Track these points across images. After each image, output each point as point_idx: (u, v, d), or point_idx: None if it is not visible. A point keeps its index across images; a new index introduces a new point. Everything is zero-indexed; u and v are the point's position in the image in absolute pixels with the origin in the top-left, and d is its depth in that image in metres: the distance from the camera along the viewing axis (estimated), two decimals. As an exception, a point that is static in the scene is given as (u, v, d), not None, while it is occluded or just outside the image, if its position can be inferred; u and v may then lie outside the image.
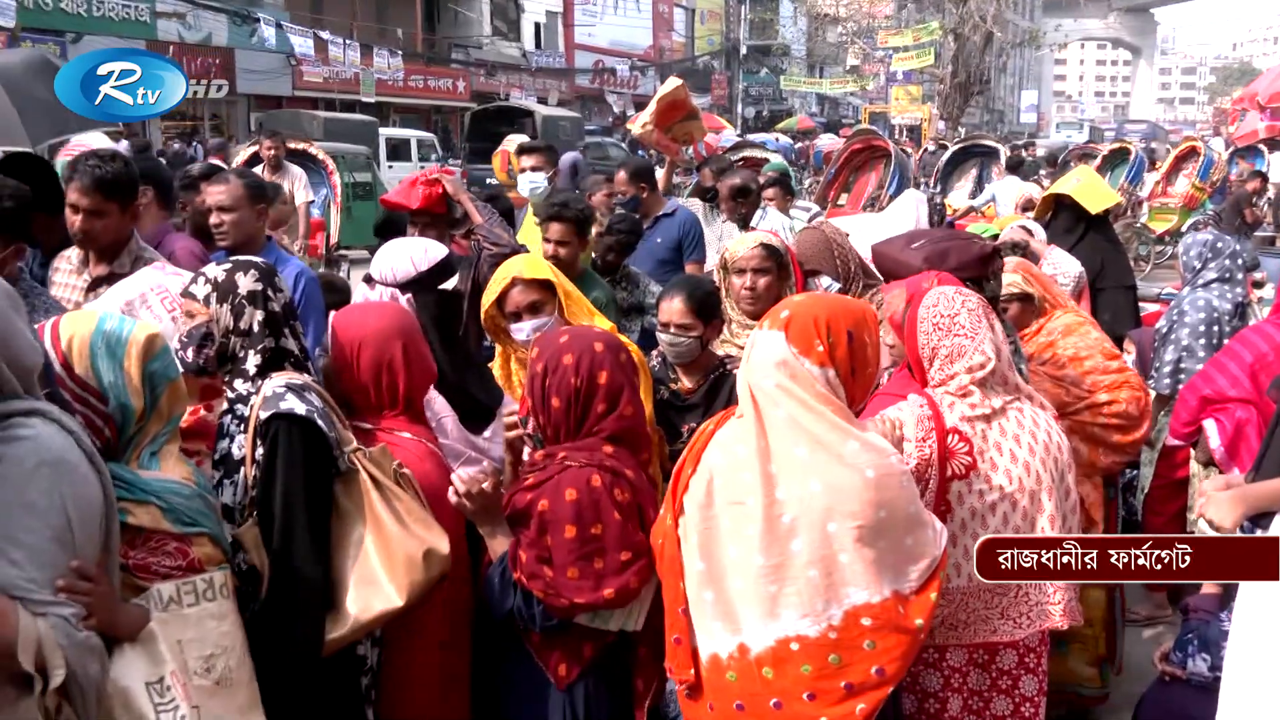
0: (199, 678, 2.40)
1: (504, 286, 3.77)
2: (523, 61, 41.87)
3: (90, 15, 24.81)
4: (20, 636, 1.99)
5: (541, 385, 2.90)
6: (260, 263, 2.95)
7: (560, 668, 2.90)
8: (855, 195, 13.21)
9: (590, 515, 2.80)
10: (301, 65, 29.99)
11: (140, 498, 2.40)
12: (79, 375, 2.39)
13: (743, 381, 2.71)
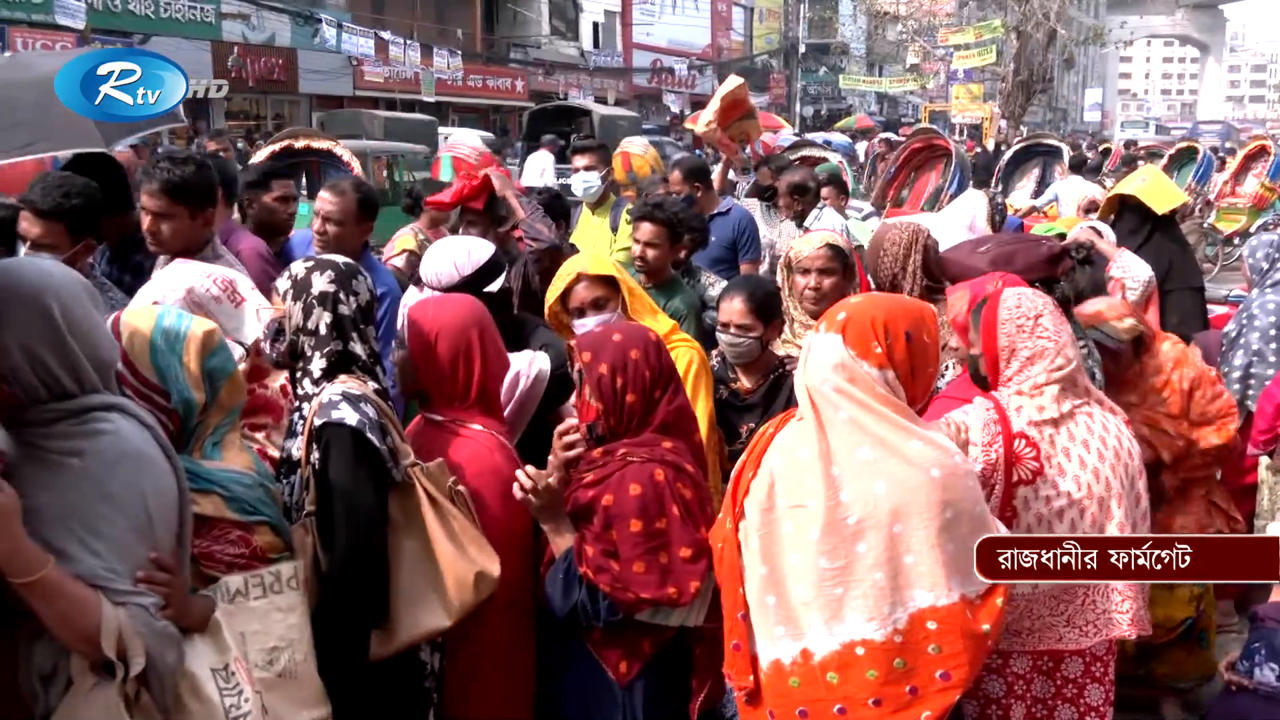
0: (260, 670, 2.43)
1: (569, 282, 3.77)
2: (581, 61, 41.98)
3: (157, 17, 25.25)
4: (103, 625, 2.05)
5: (613, 384, 2.89)
6: (342, 264, 2.93)
7: (621, 665, 2.90)
8: (915, 194, 13.09)
9: (654, 509, 2.80)
10: (362, 65, 30.31)
11: (204, 487, 2.44)
12: (140, 371, 2.43)
13: (801, 385, 2.69)
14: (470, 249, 3.84)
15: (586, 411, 2.92)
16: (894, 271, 4.29)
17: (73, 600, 2.04)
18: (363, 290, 2.91)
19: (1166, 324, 5.52)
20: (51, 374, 2.13)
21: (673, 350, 3.65)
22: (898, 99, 61.51)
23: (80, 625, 2.05)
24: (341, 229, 4.61)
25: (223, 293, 3.34)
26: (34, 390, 2.13)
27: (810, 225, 7.17)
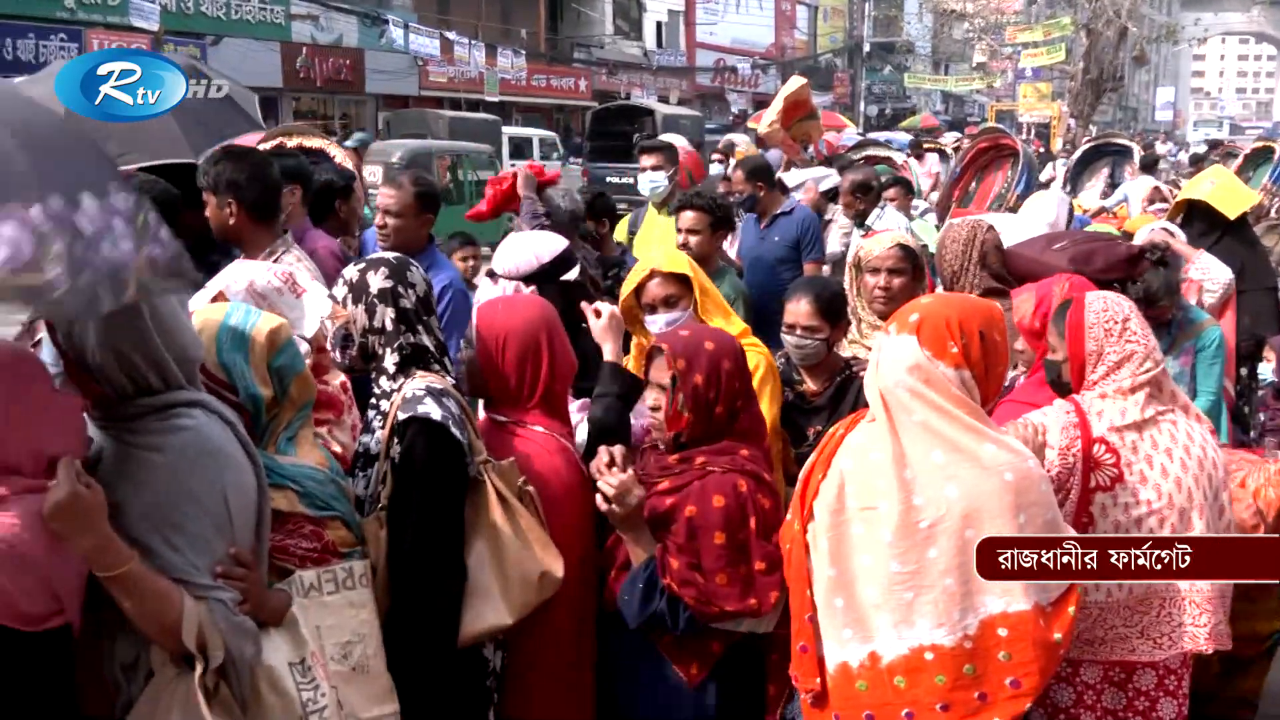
0: (335, 663, 2.47)
1: (642, 278, 3.76)
2: (644, 60, 42.01)
3: (229, 18, 25.68)
4: (184, 619, 2.11)
5: (706, 395, 2.89)
6: (391, 259, 2.96)
7: (692, 667, 2.89)
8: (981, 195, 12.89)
9: (738, 521, 2.80)
10: (427, 66, 30.58)
11: (278, 482, 2.49)
12: (208, 368, 2.47)
13: (873, 387, 2.66)
14: (548, 240, 3.86)
15: (675, 420, 2.91)
16: (954, 269, 4.24)
17: (155, 594, 2.10)
18: (418, 281, 2.93)
19: (1240, 325, 5.39)
20: (138, 370, 2.19)
21: None
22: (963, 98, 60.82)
23: (162, 618, 2.11)
24: (401, 221, 4.65)
25: (284, 284, 3.39)
26: (122, 386, 2.20)
27: (872, 224, 7.11)
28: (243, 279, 3.22)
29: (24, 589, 1.98)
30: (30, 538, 1.99)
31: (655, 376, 2.97)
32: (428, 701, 2.71)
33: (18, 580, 1.97)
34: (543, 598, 2.80)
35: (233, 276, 3.24)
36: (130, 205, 1.88)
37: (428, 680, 2.71)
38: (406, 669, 2.65)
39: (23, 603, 1.98)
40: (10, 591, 1.96)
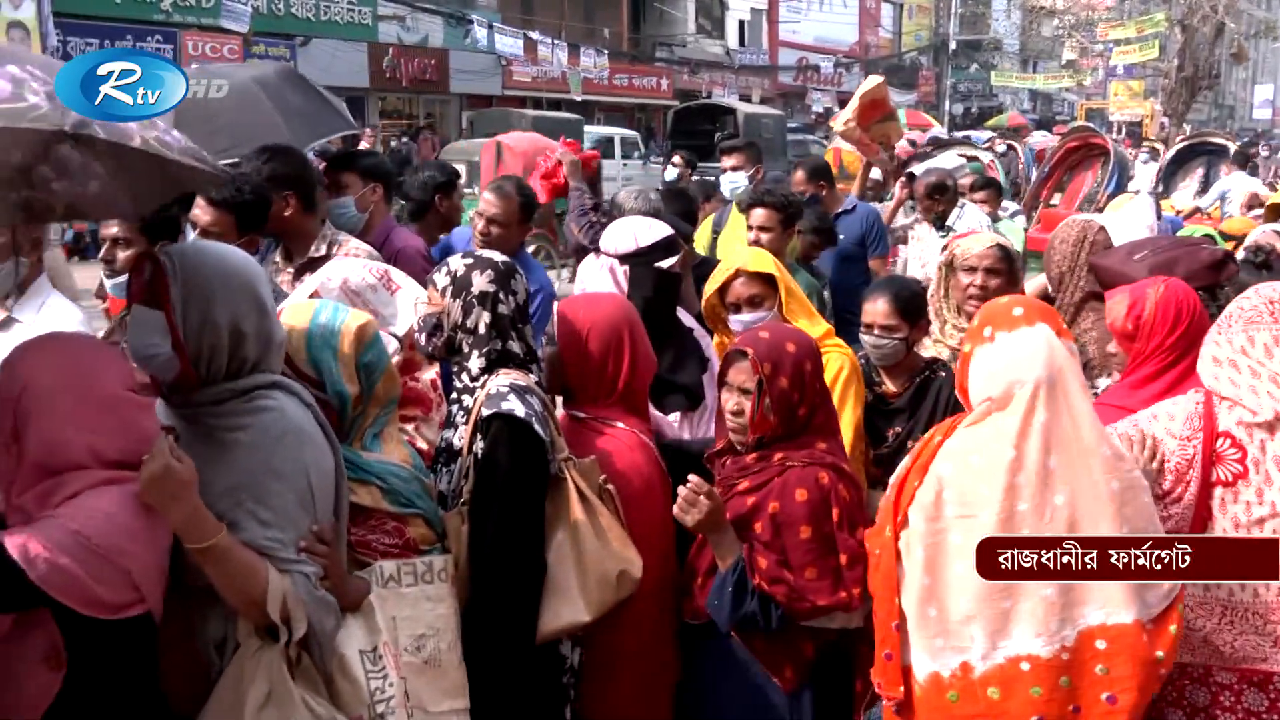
0: (409, 655, 2.51)
1: (727, 277, 3.75)
2: (726, 59, 41.88)
3: (318, 20, 26.13)
4: (269, 591, 2.19)
5: (790, 398, 2.89)
6: (501, 262, 2.97)
7: (786, 671, 2.89)
8: (1070, 195, 12.65)
9: (822, 513, 2.80)
10: (511, 65, 30.81)
11: (362, 477, 2.54)
12: (299, 366, 2.54)
13: (998, 384, 2.58)
14: (652, 224, 3.88)
15: (761, 425, 2.89)
16: (1062, 269, 4.15)
17: (242, 566, 2.19)
18: (520, 290, 2.94)
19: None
20: (244, 351, 2.30)
21: (825, 355, 3.61)
22: (1052, 96, 59.65)
23: (248, 590, 2.19)
24: (505, 231, 4.70)
25: (378, 281, 3.45)
26: (219, 368, 2.29)
27: (952, 225, 7.01)
28: (338, 276, 3.29)
29: (102, 579, 2.05)
30: (108, 529, 2.06)
31: (735, 380, 2.95)
32: (504, 697, 2.74)
33: (96, 571, 2.03)
34: (621, 596, 2.81)
35: (328, 274, 3.31)
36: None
37: (504, 675, 2.73)
38: (484, 663, 2.67)
39: (101, 592, 2.05)
40: (88, 581, 2.03)
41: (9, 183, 2.50)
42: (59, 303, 3.73)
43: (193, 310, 2.29)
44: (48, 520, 2.03)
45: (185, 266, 2.32)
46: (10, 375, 2.15)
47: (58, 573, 1.98)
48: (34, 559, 1.96)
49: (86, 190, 2.54)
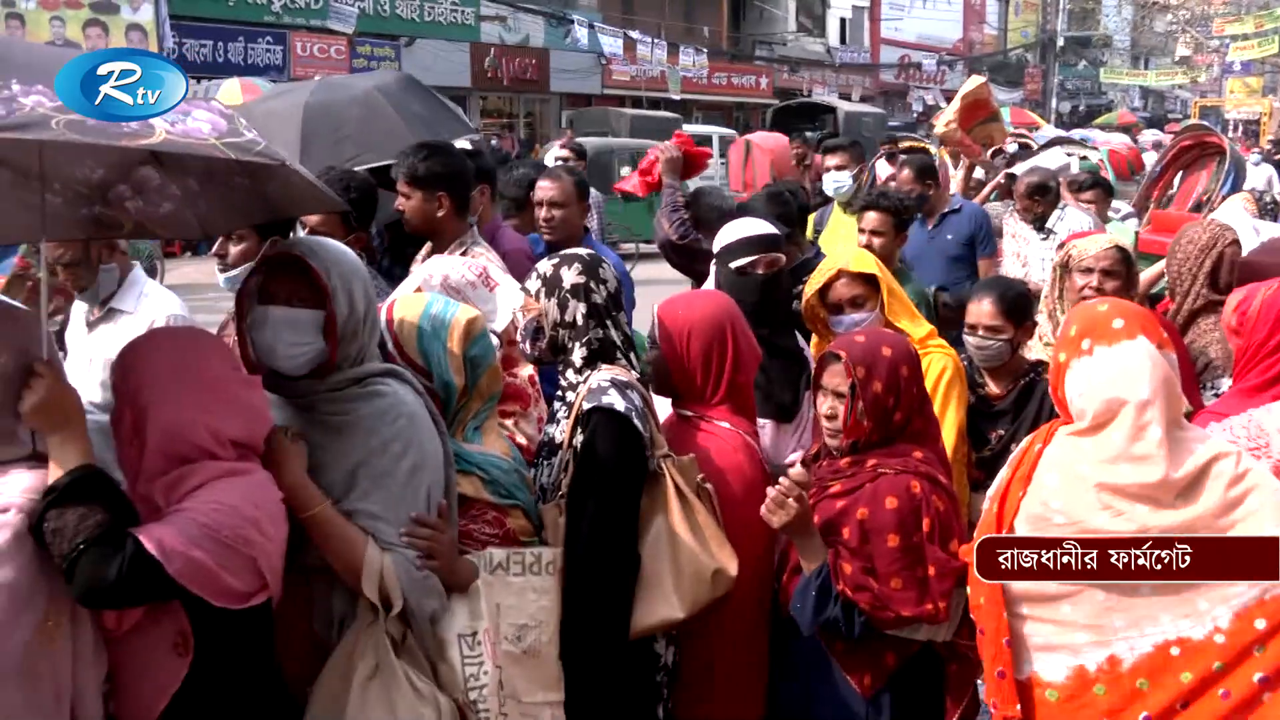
0: (508, 643, 2.54)
1: (829, 277, 3.72)
2: (826, 57, 41.55)
3: (422, 20, 26.56)
4: (365, 566, 2.29)
5: (885, 402, 2.86)
6: (584, 255, 3.02)
7: (865, 677, 2.85)
8: (1182, 195, 12.25)
9: (912, 523, 2.75)
10: (611, 64, 30.97)
11: (464, 468, 2.60)
12: (408, 354, 2.62)
13: (1098, 401, 2.51)
14: (756, 225, 3.89)
15: (855, 429, 2.86)
16: (1181, 271, 4.04)
17: (343, 539, 2.32)
18: (610, 278, 2.98)
19: None
20: (361, 341, 2.43)
21: (926, 356, 3.56)
22: (1164, 94, 58.02)
23: (348, 562, 2.31)
24: (566, 211, 4.78)
25: (477, 278, 3.50)
26: (345, 359, 2.41)
27: (1052, 227, 6.85)
28: (438, 273, 3.35)
29: (231, 569, 2.13)
30: (234, 521, 2.13)
31: (829, 383, 2.92)
32: (597, 691, 2.75)
33: (226, 561, 2.12)
34: (715, 595, 2.80)
35: (429, 270, 3.37)
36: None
37: (597, 669, 2.74)
38: (577, 657, 2.69)
39: (231, 582, 2.13)
40: (219, 573, 2.11)
41: (85, 198, 2.62)
42: (156, 290, 3.86)
43: (343, 303, 2.41)
44: (177, 515, 2.11)
45: (329, 261, 2.44)
46: (124, 373, 2.24)
47: (192, 566, 2.07)
48: (170, 553, 2.05)
49: (158, 210, 2.67)
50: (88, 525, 2.02)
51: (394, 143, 4.94)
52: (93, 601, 2.08)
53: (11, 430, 2.13)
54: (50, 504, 2.03)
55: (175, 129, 1.99)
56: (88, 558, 2.01)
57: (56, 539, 2.01)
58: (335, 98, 5.77)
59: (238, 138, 2.07)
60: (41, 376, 2.13)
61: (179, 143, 1.99)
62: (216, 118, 2.09)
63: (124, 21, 18.94)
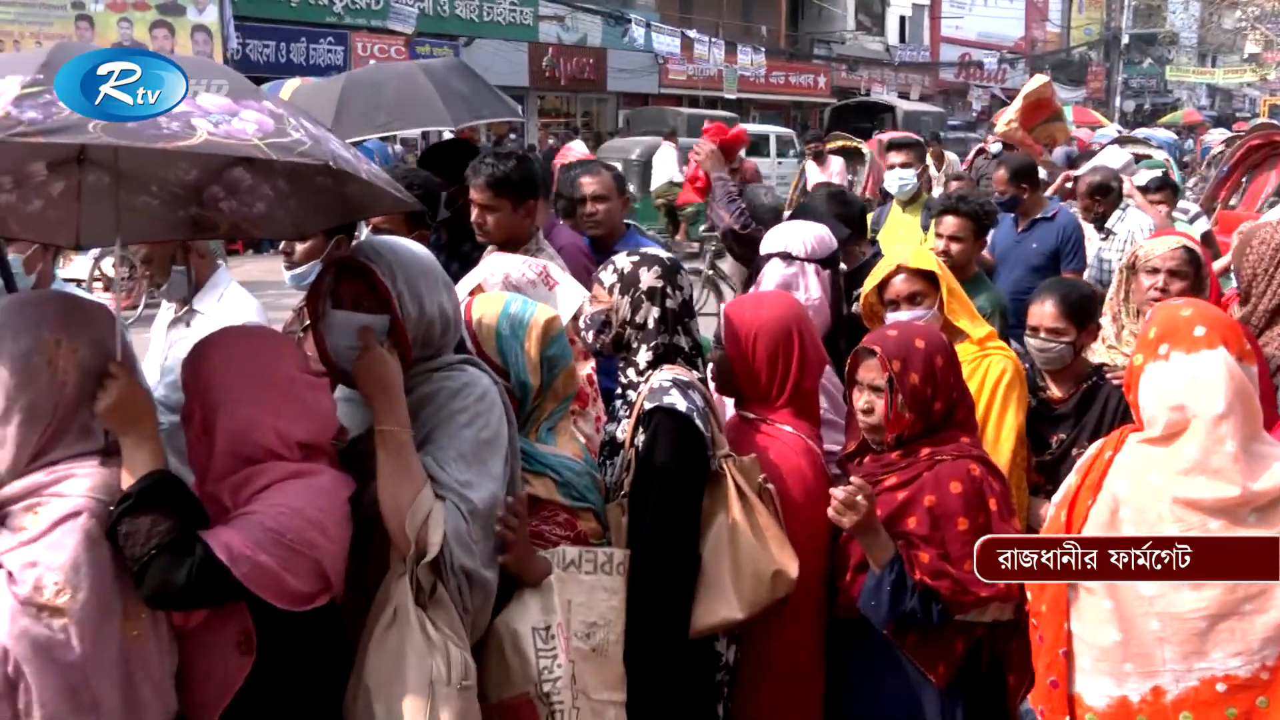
0: (578, 640, 2.55)
1: (887, 273, 3.70)
2: (885, 56, 41.22)
3: (481, 20, 26.70)
4: (415, 505, 2.27)
5: (924, 393, 2.87)
6: (666, 259, 3.02)
7: (939, 666, 2.85)
8: (1250, 196, 12.02)
9: (977, 505, 2.78)
10: (668, 64, 30.96)
11: (537, 469, 2.61)
12: (485, 354, 2.64)
13: (1172, 409, 2.47)
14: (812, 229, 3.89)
15: (896, 423, 2.88)
16: (1255, 273, 3.95)
17: (408, 467, 2.30)
18: (686, 285, 2.98)
19: None
20: (443, 335, 2.48)
21: (986, 358, 3.55)
22: (1232, 92, 56.86)
23: (399, 497, 2.28)
24: (609, 205, 4.82)
25: (537, 277, 3.51)
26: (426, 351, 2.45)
27: (1112, 228, 6.73)
28: (499, 271, 3.36)
29: (296, 572, 2.16)
30: (299, 524, 2.17)
31: (864, 378, 2.94)
32: (657, 688, 2.75)
33: (291, 565, 2.15)
34: (775, 597, 2.79)
35: (490, 269, 3.39)
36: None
37: (657, 667, 2.75)
38: (638, 655, 2.69)
39: (295, 584, 2.17)
40: (284, 576, 2.14)
41: (181, 200, 2.67)
42: (236, 292, 3.91)
43: (410, 305, 2.43)
44: (244, 519, 2.15)
45: (395, 265, 2.45)
46: (195, 371, 2.28)
47: (258, 570, 2.10)
48: (237, 557, 2.09)
49: (252, 210, 2.71)
50: (159, 530, 2.06)
51: (427, 114, 5.05)
52: (162, 603, 2.12)
53: (87, 423, 2.18)
54: (124, 511, 2.07)
55: (218, 130, 2.00)
56: (158, 563, 2.05)
57: (129, 543, 2.06)
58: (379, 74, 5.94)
59: (282, 138, 2.06)
60: (115, 378, 2.17)
61: (220, 144, 2.00)
62: (265, 117, 2.09)
63: (190, 23, 19.24)
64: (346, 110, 5.74)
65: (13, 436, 2.11)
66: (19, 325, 2.14)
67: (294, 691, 2.26)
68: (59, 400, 2.14)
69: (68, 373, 2.15)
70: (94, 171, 2.56)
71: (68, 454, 2.15)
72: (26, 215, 2.58)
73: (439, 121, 5.81)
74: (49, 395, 2.13)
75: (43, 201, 2.57)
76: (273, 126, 2.07)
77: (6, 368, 2.10)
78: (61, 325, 2.17)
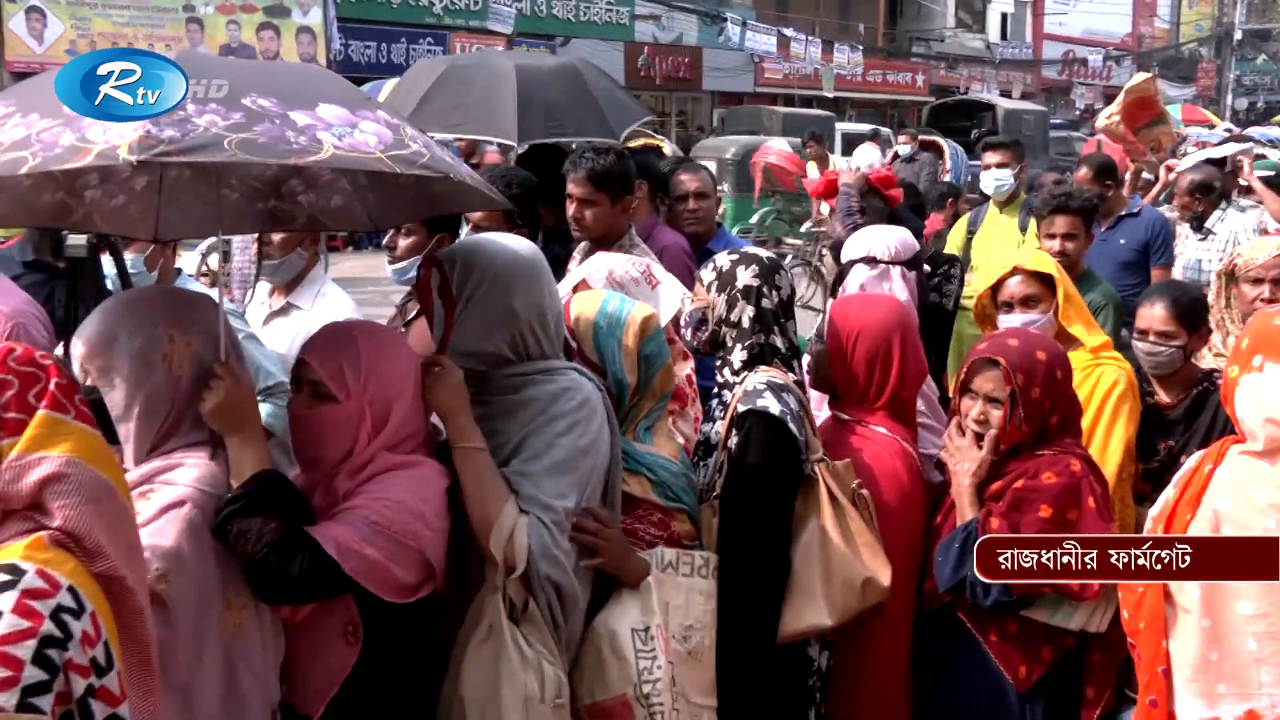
0: (676, 643, 2.55)
1: (1003, 274, 3.64)
2: (986, 53, 40.49)
3: (578, 20, 26.88)
4: (499, 521, 2.28)
5: (1043, 407, 2.85)
6: (764, 257, 3.00)
7: (1020, 669, 2.82)
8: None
9: (1068, 499, 2.74)
10: (763, 62, 30.81)
11: (633, 467, 2.60)
12: (584, 351, 2.64)
13: (1269, 423, 2.39)
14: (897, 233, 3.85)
15: (1013, 435, 2.86)
16: None
17: (489, 483, 2.31)
18: (785, 285, 2.96)
19: None
20: (536, 337, 2.44)
21: (1099, 367, 3.46)
22: (1351, 89, 54.74)
23: (484, 512, 2.29)
24: (709, 201, 4.90)
25: (641, 275, 3.51)
26: (516, 354, 2.43)
27: (1212, 228, 6.51)
28: (603, 269, 3.37)
29: (402, 564, 2.20)
30: (403, 516, 2.20)
31: (983, 388, 2.89)
32: (748, 693, 2.74)
33: (397, 557, 2.19)
34: (866, 604, 2.76)
35: (593, 266, 3.40)
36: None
37: (749, 671, 2.73)
38: (727, 659, 2.67)
39: (401, 576, 2.20)
40: (391, 568, 2.18)
41: (260, 193, 2.71)
42: (334, 291, 3.98)
43: (495, 303, 2.42)
44: (350, 513, 2.19)
45: (483, 264, 2.45)
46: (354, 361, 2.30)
47: (366, 563, 2.15)
48: (346, 552, 2.13)
49: (329, 203, 2.75)
50: (270, 529, 2.11)
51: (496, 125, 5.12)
52: (275, 599, 2.18)
53: (197, 416, 2.23)
54: (234, 512, 2.12)
55: (342, 143, 2.04)
56: (270, 561, 2.10)
57: (240, 541, 2.11)
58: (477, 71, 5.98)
59: (402, 150, 2.11)
60: (221, 379, 2.21)
61: (346, 158, 2.03)
62: (383, 129, 2.13)
63: (294, 25, 19.70)
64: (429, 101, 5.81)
65: (134, 430, 2.17)
66: (133, 322, 2.19)
67: (395, 682, 2.29)
68: (175, 394, 2.19)
69: (182, 367, 2.20)
70: (176, 166, 2.60)
71: (183, 443, 2.20)
72: (110, 210, 2.63)
73: (505, 134, 5.82)
74: (165, 390, 2.18)
75: (125, 196, 2.63)
76: (391, 139, 2.11)
77: (125, 364, 2.16)
78: (174, 320, 2.22)
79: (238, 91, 2.03)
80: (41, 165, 1.90)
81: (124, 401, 2.16)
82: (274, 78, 2.30)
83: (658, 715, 2.42)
